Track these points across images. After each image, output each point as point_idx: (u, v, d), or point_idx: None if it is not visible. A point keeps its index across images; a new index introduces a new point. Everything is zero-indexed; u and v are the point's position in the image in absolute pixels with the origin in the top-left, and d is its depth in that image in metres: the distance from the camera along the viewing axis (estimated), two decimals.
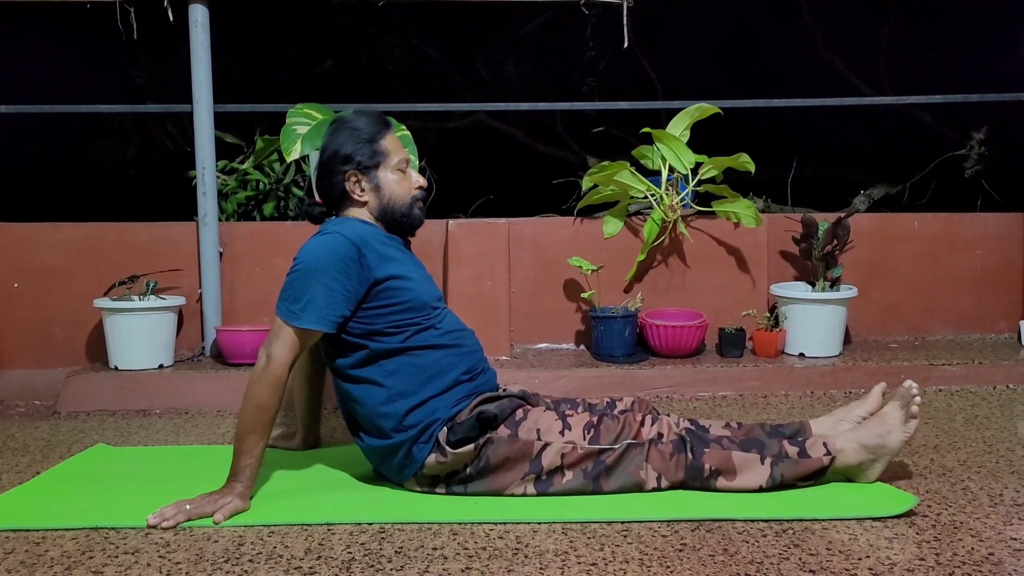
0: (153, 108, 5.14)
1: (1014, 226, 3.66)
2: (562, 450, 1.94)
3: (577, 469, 1.94)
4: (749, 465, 1.95)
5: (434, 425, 1.97)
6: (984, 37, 4.82)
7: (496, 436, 1.96)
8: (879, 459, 1.97)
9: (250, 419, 1.90)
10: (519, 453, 1.94)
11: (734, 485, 1.95)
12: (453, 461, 1.95)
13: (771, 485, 1.94)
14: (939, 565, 1.60)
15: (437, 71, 6.02)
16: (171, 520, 1.82)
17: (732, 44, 5.71)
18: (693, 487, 1.97)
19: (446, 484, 1.99)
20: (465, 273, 3.33)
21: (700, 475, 1.95)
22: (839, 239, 3.32)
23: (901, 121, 5.42)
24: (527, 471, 1.94)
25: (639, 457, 1.95)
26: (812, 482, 1.98)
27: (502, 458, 1.94)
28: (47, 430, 2.75)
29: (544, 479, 1.95)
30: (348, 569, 1.62)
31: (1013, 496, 1.97)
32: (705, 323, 3.25)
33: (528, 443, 1.95)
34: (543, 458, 1.94)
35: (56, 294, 3.38)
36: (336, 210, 2.12)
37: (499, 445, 1.94)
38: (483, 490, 1.97)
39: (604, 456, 1.95)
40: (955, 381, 3.10)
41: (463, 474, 1.97)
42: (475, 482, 1.97)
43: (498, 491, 1.96)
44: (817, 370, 3.12)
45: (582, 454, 1.95)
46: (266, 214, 4.11)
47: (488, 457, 1.94)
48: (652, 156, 3.42)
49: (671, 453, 1.96)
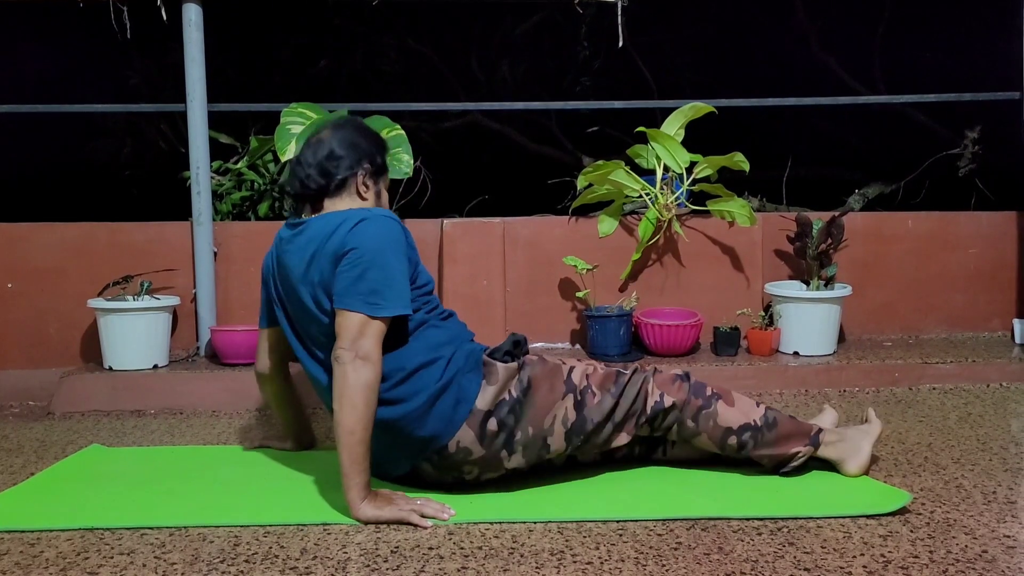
0: (147, 107, 5.12)
1: (1007, 225, 3.67)
2: (586, 371, 2.04)
3: (603, 389, 2.01)
4: (746, 402, 2.09)
5: (477, 352, 2.00)
6: (977, 36, 4.83)
7: (528, 359, 2.02)
8: (863, 439, 2.08)
9: (368, 425, 1.83)
10: (552, 372, 2.01)
11: (732, 411, 2.04)
12: (504, 378, 1.94)
13: (764, 424, 2.03)
14: (933, 562, 1.61)
15: (431, 71, 6.01)
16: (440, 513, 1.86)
17: (726, 43, 5.72)
18: (694, 408, 2.02)
19: (497, 416, 1.93)
20: (460, 272, 3.33)
21: (703, 393, 2.04)
22: (833, 238, 3.33)
23: (895, 120, 5.43)
24: (564, 391, 1.99)
25: (647, 374, 2.06)
26: (800, 454, 2.04)
27: (540, 376, 1.99)
28: (41, 431, 2.75)
29: (579, 399, 1.99)
30: (344, 569, 1.62)
31: (1007, 494, 1.98)
32: (700, 322, 3.25)
33: (556, 365, 2.04)
34: (573, 376, 2.02)
35: (50, 294, 3.37)
36: (327, 197, 2.05)
37: (533, 366, 2.01)
38: (530, 417, 1.94)
39: (621, 378, 2.04)
40: (949, 379, 3.11)
41: (511, 399, 1.94)
42: (522, 407, 1.94)
43: (543, 414, 1.96)
44: (811, 368, 3.12)
45: (603, 374, 2.04)
46: (261, 214, 4.10)
47: (528, 377, 1.98)
48: (647, 155, 3.43)
49: (673, 380, 2.06)
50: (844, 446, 2.07)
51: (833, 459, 2.07)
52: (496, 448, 1.93)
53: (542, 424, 1.95)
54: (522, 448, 1.95)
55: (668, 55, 5.65)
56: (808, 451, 2.05)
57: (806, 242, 3.34)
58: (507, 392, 1.95)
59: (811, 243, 3.32)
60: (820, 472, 2.10)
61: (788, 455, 2.04)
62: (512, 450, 1.94)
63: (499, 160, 5.97)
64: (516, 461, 1.96)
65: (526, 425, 1.94)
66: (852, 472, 2.06)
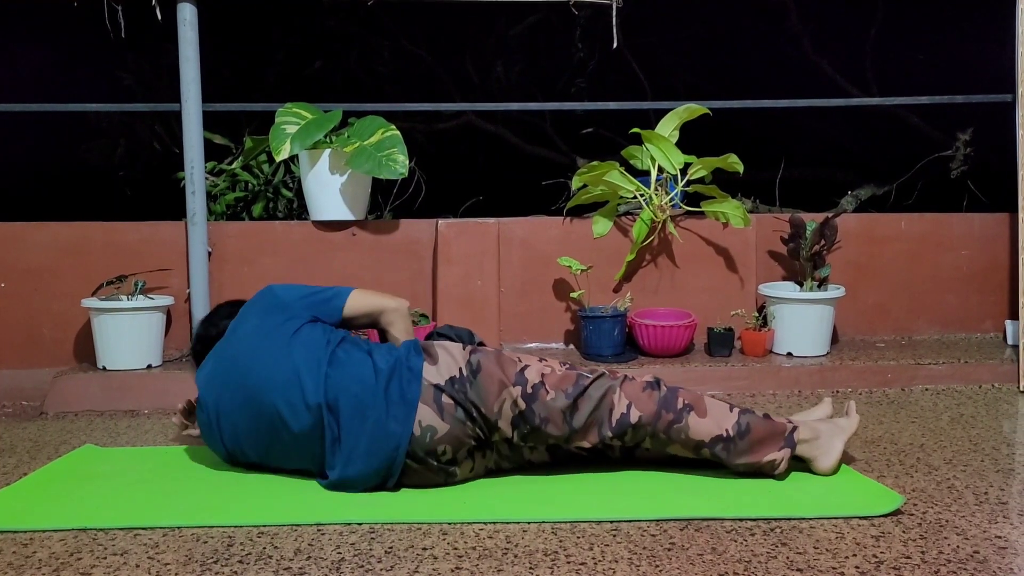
0: (141, 107, 5.12)
1: (1000, 226, 3.68)
2: (542, 370, 2.05)
3: (558, 389, 2.01)
4: (720, 410, 2.04)
5: (414, 343, 2.13)
6: (970, 38, 4.85)
7: (484, 349, 2.08)
8: (835, 437, 2.09)
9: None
10: (505, 362, 2.04)
11: (704, 423, 2.01)
12: (450, 354, 2.04)
13: (736, 433, 2.01)
14: (925, 563, 1.62)
15: (426, 72, 6.01)
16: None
17: (720, 45, 5.73)
18: (665, 423, 2.00)
19: (448, 392, 1.99)
20: (455, 273, 3.33)
21: (673, 406, 2.01)
22: (827, 239, 3.34)
23: (888, 122, 5.45)
24: (514, 381, 2.00)
25: (614, 383, 2.03)
26: (777, 462, 2.02)
27: (491, 362, 2.02)
28: (34, 431, 2.74)
29: (530, 392, 1.99)
30: (338, 569, 1.62)
31: (998, 494, 1.99)
32: (694, 323, 3.26)
33: (512, 358, 2.07)
34: (527, 372, 2.03)
35: (43, 294, 3.36)
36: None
37: (487, 354, 2.05)
38: (479, 396, 1.98)
39: (581, 380, 2.03)
40: (941, 380, 3.12)
41: (460, 378, 2.00)
42: (471, 386, 1.99)
43: (492, 399, 1.98)
44: (805, 369, 3.13)
45: (561, 375, 2.05)
46: (255, 215, 4.11)
47: (479, 361, 2.02)
48: (641, 156, 3.43)
49: (644, 387, 2.04)
50: (816, 443, 2.08)
51: (805, 457, 2.08)
52: (458, 421, 1.97)
53: (492, 408, 1.99)
54: (482, 422, 2.00)
55: (662, 57, 5.67)
56: (784, 455, 2.03)
57: (799, 243, 3.35)
58: (457, 370, 2.01)
59: (804, 244, 3.33)
60: (813, 475, 2.10)
61: (764, 463, 2.03)
62: (475, 423, 1.99)
63: (494, 161, 5.98)
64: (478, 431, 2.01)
65: (479, 404, 1.98)
66: (823, 470, 2.07)
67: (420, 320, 3.24)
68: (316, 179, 3.38)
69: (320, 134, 3.29)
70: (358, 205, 3.43)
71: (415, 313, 3.26)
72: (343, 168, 3.33)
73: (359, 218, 3.45)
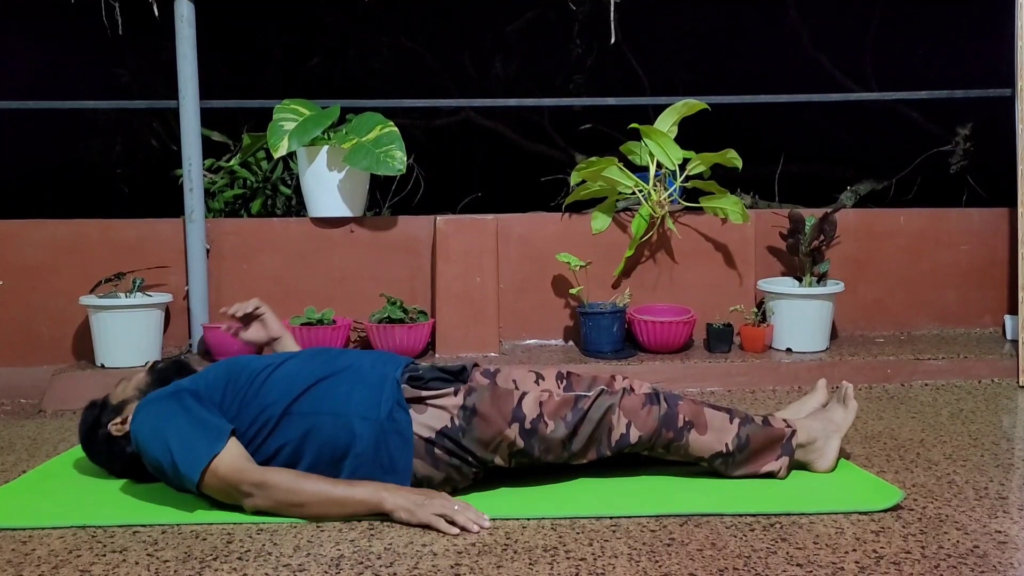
0: (139, 104, 5.11)
1: (999, 221, 3.68)
2: (539, 398, 1.95)
3: (557, 418, 1.93)
4: (720, 422, 1.99)
5: (389, 387, 1.94)
6: (969, 33, 4.84)
7: (477, 384, 1.98)
8: (831, 436, 2.07)
9: (305, 488, 1.85)
10: (501, 399, 1.94)
11: (704, 440, 1.97)
12: (434, 412, 1.91)
13: (736, 447, 1.99)
14: (925, 558, 1.61)
15: (424, 68, 6.00)
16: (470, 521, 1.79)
17: (719, 40, 5.72)
18: (664, 440, 1.95)
19: (440, 446, 1.90)
20: (453, 270, 3.33)
21: (674, 424, 1.96)
22: (826, 235, 3.34)
23: (887, 117, 5.44)
24: (511, 418, 1.92)
25: (612, 401, 1.96)
26: (776, 473, 2.01)
27: (486, 405, 1.91)
28: (33, 428, 2.74)
29: (528, 428, 1.92)
30: (337, 566, 1.62)
31: (998, 489, 1.99)
32: (693, 319, 3.25)
33: (508, 391, 1.96)
34: (523, 406, 1.93)
35: (41, 291, 3.35)
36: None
37: (482, 392, 1.94)
38: (474, 442, 1.90)
39: (580, 403, 1.96)
40: (940, 375, 3.12)
41: (453, 428, 1.90)
42: (465, 434, 1.90)
43: (488, 441, 1.90)
44: (804, 365, 3.13)
45: (559, 402, 1.95)
46: (253, 212, 4.10)
47: (474, 404, 1.92)
48: (640, 152, 3.43)
49: (643, 403, 1.98)
50: (813, 447, 2.06)
51: (802, 461, 2.07)
52: (453, 467, 1.92)
53: (488, 450, 1.92)
54: (479, 465, 1.93)
55: (661, 52, 5.66)
56: (783, 463, 2.02)
57: (799, 239, 3.35)
58: (449, 419, 1.91)
59: (804, 240, 3.33)
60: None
61: (761, 474, 2.02)
62: (471, 466, 1.93)
63: (492, 157, 5.98)
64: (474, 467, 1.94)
65: (474, 451, 1.91)
66: (821, 471, 2.07)
67: (419, 317, 3.24)
68: (314, 176, 3.37)
69: (318, 131, 3.29)
70: (356, 202, 3.43)
71: (414, 310, 3.26)
72: (341, 165, 3.32)
73: (357, 215, 3.44)
